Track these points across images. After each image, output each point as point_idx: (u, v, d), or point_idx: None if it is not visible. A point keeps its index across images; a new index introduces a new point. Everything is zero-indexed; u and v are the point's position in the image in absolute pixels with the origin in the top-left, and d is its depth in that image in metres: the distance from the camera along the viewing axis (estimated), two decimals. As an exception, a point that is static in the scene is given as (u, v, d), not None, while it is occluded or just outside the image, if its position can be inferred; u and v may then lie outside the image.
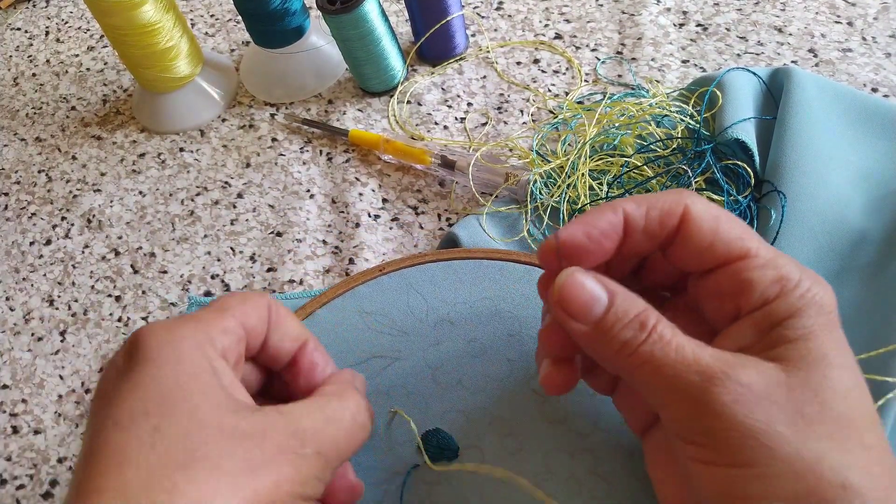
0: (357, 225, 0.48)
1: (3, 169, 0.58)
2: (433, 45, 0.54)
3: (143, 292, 0.48)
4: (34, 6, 0.72)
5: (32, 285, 0.50)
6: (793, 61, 0.51)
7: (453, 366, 0.35)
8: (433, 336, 0.37)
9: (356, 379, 0.30)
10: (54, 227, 0.53)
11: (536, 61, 0.55)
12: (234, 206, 0.51)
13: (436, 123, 0.52)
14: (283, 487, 0.23)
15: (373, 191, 0.49)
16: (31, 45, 0.68)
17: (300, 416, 0.25)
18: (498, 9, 0.59)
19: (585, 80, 0.52)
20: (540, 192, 0.44)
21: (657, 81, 0.51)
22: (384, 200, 0.49)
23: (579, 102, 0.50)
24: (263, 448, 0.23)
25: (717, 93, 0.43)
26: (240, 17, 0.63)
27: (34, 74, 0.65)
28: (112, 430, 0.22)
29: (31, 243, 0.52)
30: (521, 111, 0.52)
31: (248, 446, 0.23)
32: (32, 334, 0.47)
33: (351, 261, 0.46)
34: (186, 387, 0.24)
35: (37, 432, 0.43)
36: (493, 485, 0.31)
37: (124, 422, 0.23)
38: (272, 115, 0.56)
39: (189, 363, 0.24)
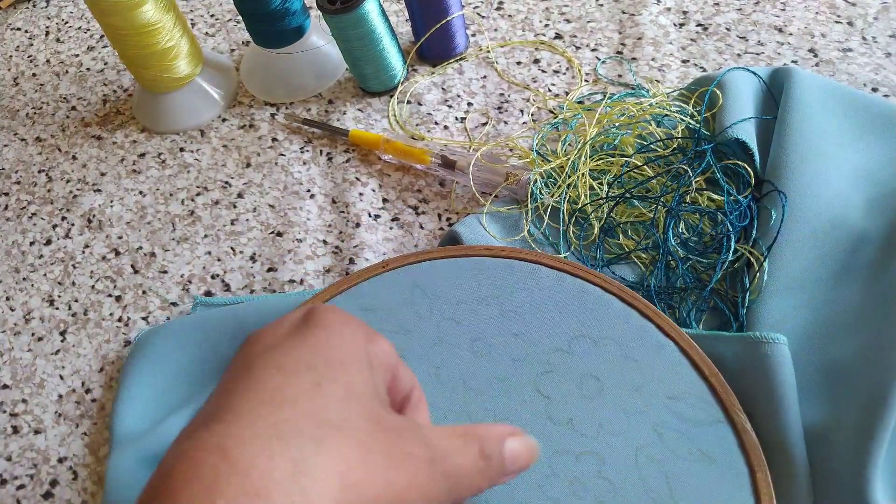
0: (357, 225, 0.48)
1: (3, 169, 0.58)
2: (433, 45, 0.54)
3: (144, 292, 0.48)
4: (34, 6, 0.72)
5: (33, 285, 0.50)
6: (793, 61, 0.51)
7: (457, 365, 0.35)
8: (436, 334, 0.37)
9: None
10: (54, 226, 0.53)
11: (537, 61, 0.55)
12: (235, 206, 0.51)
13: (436, 123, 0.52)
14: (413, 491, 0.23)
15: (373, 191, 0.49)
16: (32, 45, 0.68)
17: (434, 436, 0.25)
18: (498, 9, 0.59)
19: (585, 80, 0.52)
20: (540, 192, 0.44)
21: (657, 81, 0.51)
22: (384, 200, 0.49)
23: (579, 102, 0.50)
24: (403, 447, 0.23)
25: (718, 92, 0.43)
26: (240, 17, 0.63)
27: (34, 74, 0.65)
28: (275, 373, 0.22)
29: (32, 243, 0.52)
30: (522, 111, 0.52)
31: (392, 438, 0.23)
32: (33, 334, 0.47)
33: (351, 261, 0.46)
34: (349, 363, 0.24)
35: (37, 432, 0.43)
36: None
37: (288, 367, 0.23)
38: (272, 115, 0.56)
39: (354, 347, 0.25)
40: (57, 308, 0.48)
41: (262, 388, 0.22)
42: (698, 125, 0.43)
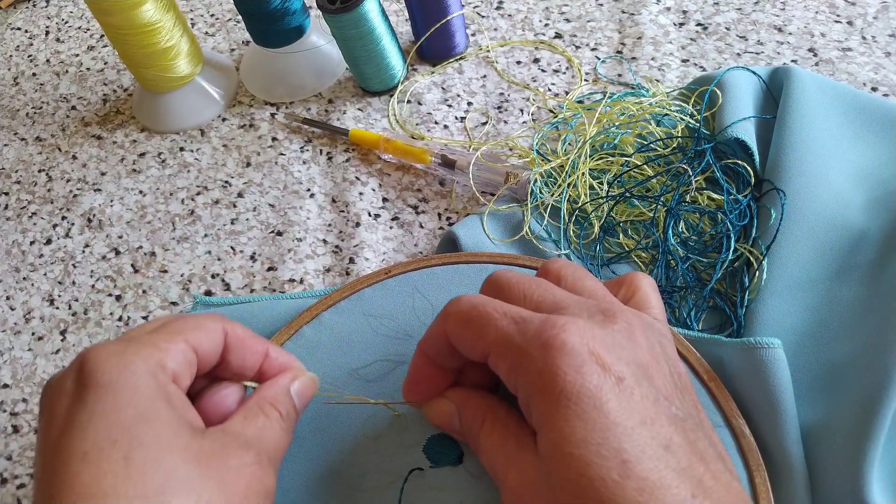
0: (357, 224, 0.48)
1: (3, 168, 0.58)
2: (433, 44, 0.54)
3: (144, 292, 0.48)
4: (34, 6, 0.72)
5: (33, 285, 0.50)
6: (793, 60, 0.51)
7: None
8: None
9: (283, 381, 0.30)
10: (55, 226, 0.53)
11: (536, 60, 0.55)
12: (235, 206, 0.51)
13: (436, 123, 0.52)
14: (252, 493, 0.25)
15: (373, 190, 0.49)
16: (32, 44, 0.68)
17: (242, 430, 0.27)
18: (498, 8, 0.59)
19: (585, 80, 0.52)
20: (540, 192, 0.44)
21: (657, 81, 0.51)
22: (384, 200, 0.49)
23: (579, 102, 0.50)
24: (230, 464, 0.24)
25: (717, 92, 0.43)
26: (240, 17, 0.63)
27: (34, 74, 0.65)
28: (81, 463, 0.22)
29: (32, 243, 0.52)
30: (522, 110, 0.52)
31: (217, 466, 0.24)
32: (33, 334, 0.47)
33: (351, 260, 0.46)
34: (147, 414, 0.24)
35: (37, 432, 0.43)
36: (495, 491, 0.31)
37: (93, 453, 0.22)
38: (272, 115, 0.56)
39: (146, 390, 0.24)
40: (57, 307, 0.48)
41: (76, 489, 0.22)
42: (698, 124, 0.43)
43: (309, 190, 0.50)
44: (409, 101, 0.54)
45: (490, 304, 0.27)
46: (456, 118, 0.52)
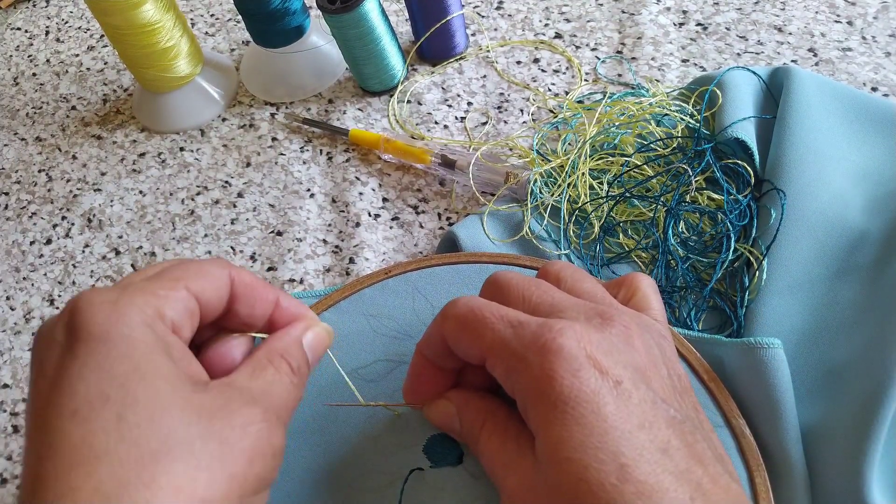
0: (357, 224, 0.48)
1: (3, 168, 0.58)
2: (433, 44, 0.54)
3: (144, 292, 0.48)
4: (34, 6, 0.72)
5: (33, 285, 0.50)
6: (793, 60, 0.51)
7: None
8: None
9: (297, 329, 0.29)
10: (55, 226, 0.53)
11: (536, 60, 0.55)
12: (235, 206, 0.51)
13: (436, 123, 0.52)
14: (257, 463, 0.23)
15: (373, 190, 0.49)
16: (32, 44, 0.68)
17: (249, 384, 0.25)
18: (498, 8, 0.59)
19: (585, 80, 0.52)
20: (540, 192, 0.44)
21: (657, 81, 0.51)
22: (384, 200, 0.49)
23: (579, 102, 0.50)
24: (233, 424, 0.23)
25: (717, 92, 0.43)
26: (240, 17, 0.63)
27: (34, 74, 0.65)
28: (71, 421, 0.21)
29: (32, 243, 0.52)
30: (522, 110, 0.52)
31: (220, 425, 0.22)
32: (33, 334, 0.47)
33: (351, 260, 0.46)
34: (143, 368, 0.22)
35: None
36: (495, 491, 0.31)
37: (83, 411, 0.21)
38: (272, 115, 0.56)
39: (142, 341, 0.22)
40: (57, 308, 0.48)
41: (66, 449, 0.20)
42: (698, 124, 0.43)
43: (309, 190, 0.50)
44: (409, 101, 0.54)
45: (487, 307, 0.27)
46: (456, 118, 0.52)
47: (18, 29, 0.70)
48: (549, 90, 0.52)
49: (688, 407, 0.26)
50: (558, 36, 0.56)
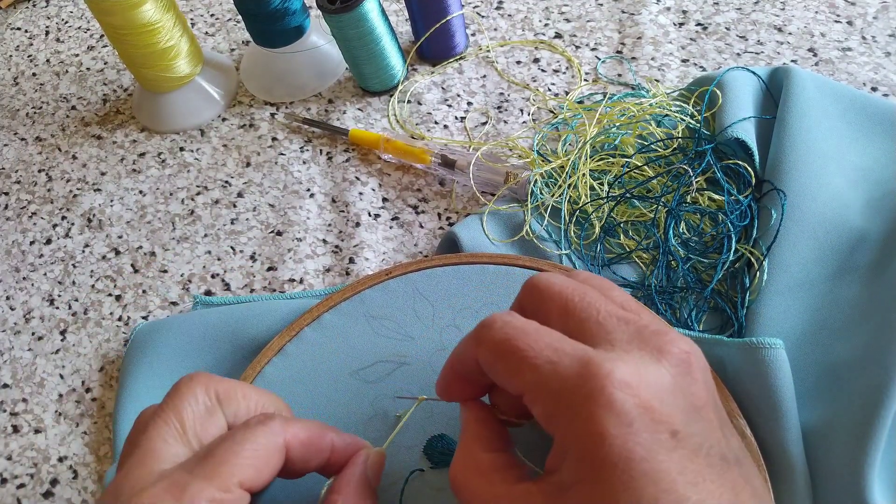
0: (357, 224, 0.48)
1: (3, 168, 0.58)
2: (433, 44, 0.54)
3: (144, 291, 0.48)
4: (34, 6, 0.72)
5: (33, 284, 0.50)
6: (792, 60, 0.51)
7: None
8: (439, 341, 0.37)
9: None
10: (54, 226, 0.53)
11: (536, 60, 0.55)
12: (235, 206, 0.51)
13: (436, 123, 0.52)
14: None
15: (373, 190, 0.49)
16: (31, 44, 0.68)
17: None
18: (498, 8, 0.59)
19: (585, 80, 0.52)
20: (540, 192, 0.44)
21: (657, 81, 0.51)
22: (384, 199, 0.49)
23: (579, 102, 0.50)
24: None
25: (717, 92, 0.43)
26: (240, 17, 0.63)
27: (34, 74, 0.65)
28: None
29: (32, 243, 0.52)
30: (522, 110, 0.52)
31: None
32: (33, 333, 0.47)
33: (351, 260, 0.46)
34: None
35: (37, 431, 0.43)
36: None
37: None
38: (272, 115, 0.56)
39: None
40: (57, 307, 0.48)
41: None
42: (698, 125, 0.43)
43: (309, 190, 0.50)
44: (409, 101, 0.54)
45: (525, 335, 0.24)
46: (456, 118, 0.52)
47: (18, 29, 0.70)
48: (549, 90, 0.52)
49: (731, 435, 0.24)
50: (558, 36, 0.56)
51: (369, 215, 0.48)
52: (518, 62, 0.55)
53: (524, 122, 0.51)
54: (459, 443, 0.28)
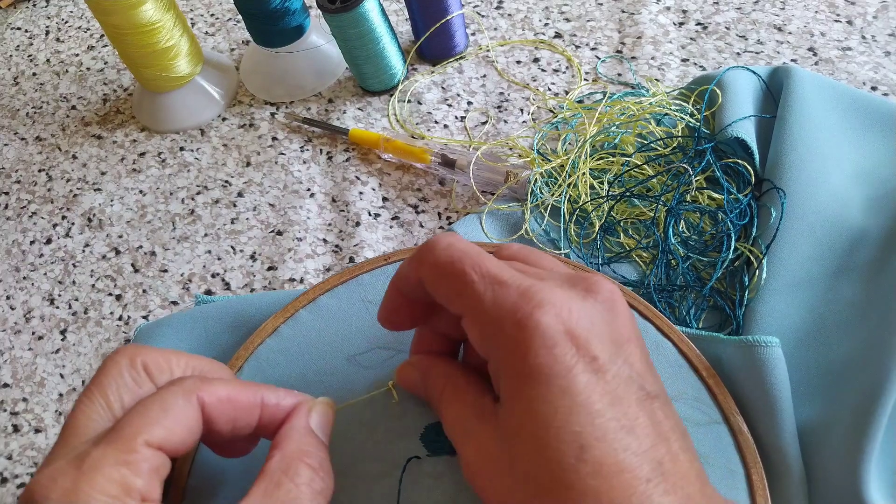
0: (357, 224, 0.48)
1: (3, 168, 0.58)
2: (433, 44, 0.54)
3: (144, 291, 0.48)
4: (34, 6, 0.72)
5: (33, 284, 0.50)
6: (792, 60, 0.51)
7: None
8: None
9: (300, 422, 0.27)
10: (55, 226, 0.53)
11: (536, 60, 0.55)
12: (235, 205, 0.51)
13: (436, 122, 0.52)
14: None
15: (373, 189, 0.49)
16: (32, 44, 0.68)
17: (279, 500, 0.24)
18: (498, 8, 0.59)
19: (585, 79, 0.52)
20: (540, 191, 0.44)
21: (657, 80, 0.51)
22: (384, 199, 0.49)
23: (579, 101, 0.50)
24: None
25: (717, 91, 0.43)
26: (240, 17, 0.63)
27: (34, 74, 0.65)
28: None
29: (32, 242, 0.52)
30: (522, 110, 0.52)
31: None
32: (33, 333, 0.47)
33: (351, 259, 0.46)
34: None
35: (37, 431, 0.43)
36: None
37: None
38: (272, 115, 0.56)
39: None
40: (57, 307, 0.48)
41: None
42: (698, 124, 0.43)
43: (309, 189, 0.50)
44: (409, 101, 0.54)
45: (468, 257, 0.25)
46: (456, 118, 0.52)
47: (18, 29, 0.70)
48: (549, 90, 0.52)
49: (655, 374, 0.26)
50: (558, 35, 0.56)
51: (369, 215, 0.48)
52: (518, 62, 0.55)
53: (524, 121, 0.51)
54: (449, 402, 0.28)
